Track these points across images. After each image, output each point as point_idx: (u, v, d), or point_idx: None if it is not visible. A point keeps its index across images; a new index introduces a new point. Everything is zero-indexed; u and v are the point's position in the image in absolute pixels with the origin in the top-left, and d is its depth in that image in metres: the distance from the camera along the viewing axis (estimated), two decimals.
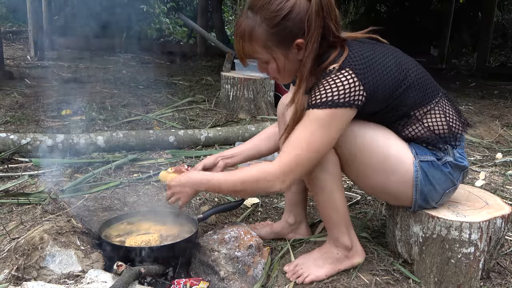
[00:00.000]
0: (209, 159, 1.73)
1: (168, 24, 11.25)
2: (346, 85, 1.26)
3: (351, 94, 1.26)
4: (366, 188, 1.54)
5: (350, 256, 1.52)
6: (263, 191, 1.37)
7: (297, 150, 1.30)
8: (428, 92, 1.40)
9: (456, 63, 9.86)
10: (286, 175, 1.32)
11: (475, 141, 3.38)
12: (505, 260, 1.66)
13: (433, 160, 1.41)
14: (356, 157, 1.41)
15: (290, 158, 1.31)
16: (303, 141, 1.29)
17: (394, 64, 1.35)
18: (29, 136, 2.47)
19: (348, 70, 1.27)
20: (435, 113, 1.41)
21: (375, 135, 1.39)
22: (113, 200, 1.98)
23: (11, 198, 1.91)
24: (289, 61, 1.35)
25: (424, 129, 1.41)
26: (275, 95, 3.94)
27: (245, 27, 1.32)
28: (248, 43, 1.34)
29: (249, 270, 1.57)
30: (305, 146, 1.29)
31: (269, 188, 1.35)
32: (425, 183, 1.40)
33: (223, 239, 1.61)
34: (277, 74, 1.40)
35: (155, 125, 3.34)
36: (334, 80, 1.27)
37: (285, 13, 1.27)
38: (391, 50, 1.40)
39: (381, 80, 1.30)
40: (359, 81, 1.26)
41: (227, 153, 1.74)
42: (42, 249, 1.42)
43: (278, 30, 1.29)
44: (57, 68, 5.83)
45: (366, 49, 1.33)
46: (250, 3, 1.33)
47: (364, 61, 1.29)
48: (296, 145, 1.30)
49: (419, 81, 1.39)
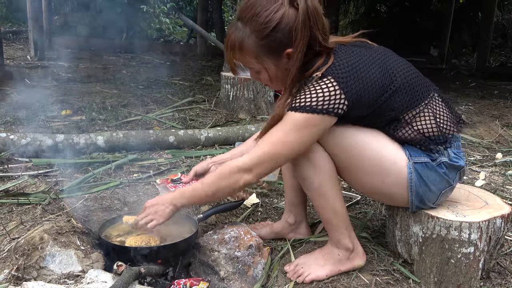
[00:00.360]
0: (200, 165, 1.75)
1: (168, 24, 11.26)
2: (326, 93, 1.27)
3: (330, 102, 1.27)
4: (363, 190, 1.55)
5: (352, 258, 1.52)
6: (234, 186, 1.38)
7: (269, 146, 1.33)
8: (416, 94, 1.39)
9: (456, 63, 9.87)
10: (254, 167, 1.35)
11: (475, 141, 3.38)
12: (505, 260, 1.66)
13: (427, 162, 1.41)
14: (351, 161, 1.41)
15: (261, 152, 1.35)
16: (277, 139, 1.32)
17: (380, 69, 1.34)
18: (29, 136, 2.47)
19: (330, 79, 1.28)
20: (424, 115, 1.40)
21: (368, 139, 1.40)
22: (113, 200, 1.98)
23: (11, 198, 1.91)
24: (280, 70, 1.36)
25: (414, 132, 1.41)
26: (275, 95, 3.94)
27: (235, 38, 1.33)
28: (238, 54, 1.35)
29: (249, 270, 1.57)
30: (278, 144, 1.33)
31: (238, 181, 1.37)
32: (420, 185, 1.40)
33: (223, 239, 1.61)
34: (269, 82, 1.43)
35: (155, 125, 3.34)
36: (315, 88, 1.28)
37: (274, 25, 1.27)
38: (379, 53, 1.39)
39: (365, 87, 1.30)
40: (341, 89, 1.27)
41: (218, 159, 1.75)
42: (42, 249, 1.42)
43: (268, 41, 1.30)
44: (57, 68, 5.83)
45: (351, 56, 1.33)
46: (239, 15, 1.34)
47: (347, 69, 1.29)
48: (270, 142, 1.34)
49: (407, 84, 1.38)
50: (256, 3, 1.29)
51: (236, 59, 1.37)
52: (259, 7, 1.28)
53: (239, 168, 1.36)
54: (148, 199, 1.53)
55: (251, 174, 1.36)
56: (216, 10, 10.05)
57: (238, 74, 1.45)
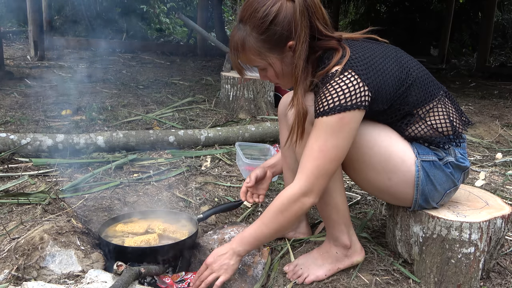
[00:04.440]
0: (260, 171, 1.71)
1: (168, 24, 11.27)
2: (351, 87, 1.26)
3: (356, 95, 1.26)
4: (367, 187, 1.53)
5: (349, 255, 1.52)
6: (300, 213, 1.35)
7: (314, 162, 1.29)
8: (430, 90, 1.40)
9: (456, 63, 9.87)
10: (312, 187, 1.31)
11: (475, 141, 3.38)
12: (505, 260, 1.66)
13: (434, 160, 1.41)
14: (358, 156, 1.41)
15: (309, 171, 1.30)
16: (318, 151, 1.29)
17: (395, 62, 1.36)
18: (29, 136, 2.47)
19: (350, 72, 1.27)
20: (438, 111, 1.41)
21: (377, 135, 1.39)
22: (113, 200, 1.98)
23: (11, 198, 1.91)
24: (285, 65, 1.36)
25: (427, 127, 1.41)
26: (275, 95, 3.95)
27: (237, 39, 1.34)
28: (242, 54, 1.35)
29: (249, 270, 1.56)
30: (321, 157, 1.29)
31: (301, 208, 1.34)
32: (426, 183, 1.40)
33: (223, 239, 1.61)
34: (277, 80, 1.41)
35: (155, 125, 3.34)
36: (338, 83, 1.27)
37: (272, 18, 1.28)
38: (391, 49, 1.41)
39: (384, 79, 1.31)
40: (363, 81, 1.27)
41: (271, 162, 1.74)
42: (42, 249, 1.42)
43: (268, 35, 1.30)
44: (57, 68, 5.83)
45: (366, 50, 1.34)
46: (240, 16, 1.35)
47: (365, 62, 1.30)
48: (313, 157, 1.29)
49: (421, 79, 1.39)
50: (253, 2, 1.30)
51: (241, 60, 1.37)
52: (256, 4, 1.29)
53: (297, 194, 1.32)
54: (147, 199, 1.53)
55: (313, 194, 1.32)
56: (216, 10, 10.05)
57: (245, 75, 1.45)
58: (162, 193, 2.09)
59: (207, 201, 2.08)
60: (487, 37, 8.39)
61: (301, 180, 1.32)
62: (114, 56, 7.72)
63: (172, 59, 7.85)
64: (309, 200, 1.32)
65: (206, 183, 2.26)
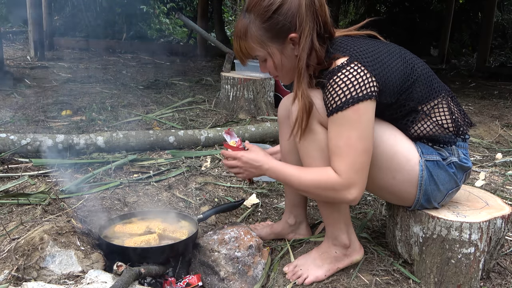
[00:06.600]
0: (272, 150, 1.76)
1: (168, 24, 11.27)
2: (359, 79, 1.26)
3: (366, 86, 1.26)
4: (370, 185, 1.51)
5: (349, 254, 1.52)
6: (335, 202, 1.38)
7: (347, 160, 1.29)
8: (434, 87, 1.40)
9: (456, 63, 9.86)
10: (351, 185, 1.30)
11: (475, 141, 3.38)
12: (505, 260, 1.66)
13: (438, 160, 1.41)
14: None
15: (346, 170, 1.29)
16: (346, 147, 1.28)
17: (400, 58, 1.36)
18: (29, 137, 2.47)
19: (357, 64, 1.27)
20: (442, 107, 1.41)
21: (382, 133, 1.39)
22: (113, 200, 1.98)
23: (11, 198, 1.91)
24: (285, 57, 1.36)
25: (433, 124, 1.40)
26: (275, 96, 3.94)
27: (241, 26, 1.36)
28: (244, 41, 1.37)
29: (249, 271, 1.57)
30: (352, 152, 1.28)
31: (341, 200, 1.34)
32: (429, 183, 1.40)
33: (223, 240, 1.61)
34: (276, 72, 1.42)
35: (155, 125, 3.34)
36: (346, 75, 1.27)
37: (276, 7, 1.30)
38: (394, 46, 1.42)
39: (389, 72, 1.31)
40: (369, 72, 1.27)
41: (275, 149, 1.76)
42: (42, 249, 1.42)
43: (271, 24, 1.32)
44: (57, 68, 5.83)
45: (370, 45, 1.35)
46: (246, 6, 1.37)
47: (370, 55, 1.30)
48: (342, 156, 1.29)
49: (425, 75, 1.39)
50: None
51: (243, 48, 1.39)
52: None
53: (336, 186, 1.31)
54: (147, 200, 1.53)
55: (352, 195, 1.31)
56: (216, 10, 10.05)
57: (246, 65, 1.47)
58: (162, 194, 2.09)
59: (207, 202, 2.08)
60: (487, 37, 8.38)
61: (343, 175, 1.30)
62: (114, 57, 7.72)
63: (172, 59, 7.85)
64: (350, 196, 1.32)
65: (206, 183, 2.26)
